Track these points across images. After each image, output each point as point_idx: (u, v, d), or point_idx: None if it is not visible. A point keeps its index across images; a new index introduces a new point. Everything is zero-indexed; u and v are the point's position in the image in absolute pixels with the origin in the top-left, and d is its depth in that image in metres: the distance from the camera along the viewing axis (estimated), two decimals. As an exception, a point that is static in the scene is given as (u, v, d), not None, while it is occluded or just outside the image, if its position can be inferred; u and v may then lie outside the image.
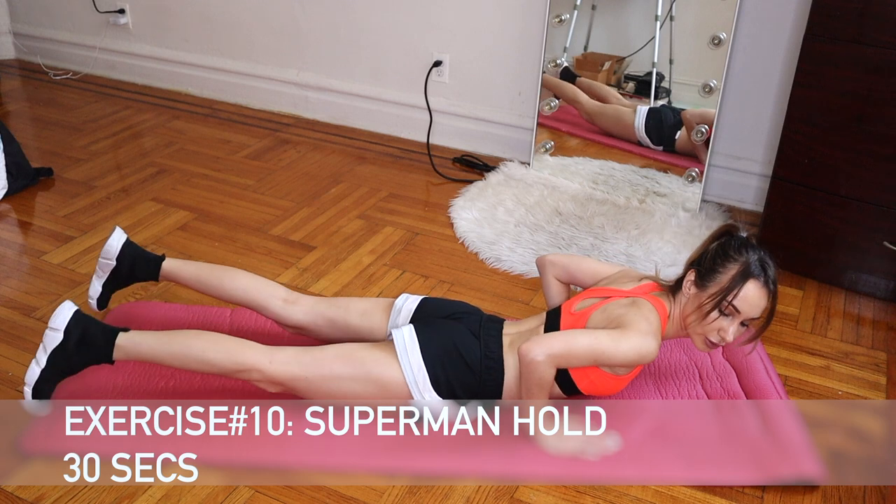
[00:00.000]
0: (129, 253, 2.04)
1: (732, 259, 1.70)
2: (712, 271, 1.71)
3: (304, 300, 1.97)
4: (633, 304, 1.75)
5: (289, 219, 2.78)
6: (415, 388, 1.74)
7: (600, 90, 2.96)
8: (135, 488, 1.66)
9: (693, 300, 1.74)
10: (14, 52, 4.30)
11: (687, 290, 1.75)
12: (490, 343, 1.79)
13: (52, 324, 1.73)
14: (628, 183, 2.94)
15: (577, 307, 1.81)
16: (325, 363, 1.74)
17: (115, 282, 2.07)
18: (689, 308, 1.75)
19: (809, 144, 2.32)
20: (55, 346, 1.72)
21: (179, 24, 3.78)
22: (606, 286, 1.87)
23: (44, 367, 1.72)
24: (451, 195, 2.94)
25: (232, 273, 2.01)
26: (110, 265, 2.04)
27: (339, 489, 1.68)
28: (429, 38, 3.24)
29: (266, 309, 1.96)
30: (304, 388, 1.74)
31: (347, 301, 1.97)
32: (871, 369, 2.10)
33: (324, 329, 1.95)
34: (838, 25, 2.18)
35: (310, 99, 3.61)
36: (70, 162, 3.16)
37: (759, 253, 1.72)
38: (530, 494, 1.68)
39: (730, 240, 1.74)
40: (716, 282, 1.70)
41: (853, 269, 2.39)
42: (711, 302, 1.70)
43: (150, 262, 2.04)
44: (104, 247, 2.04)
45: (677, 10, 2.76)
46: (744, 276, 1.69)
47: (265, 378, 1.73)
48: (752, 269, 1.69)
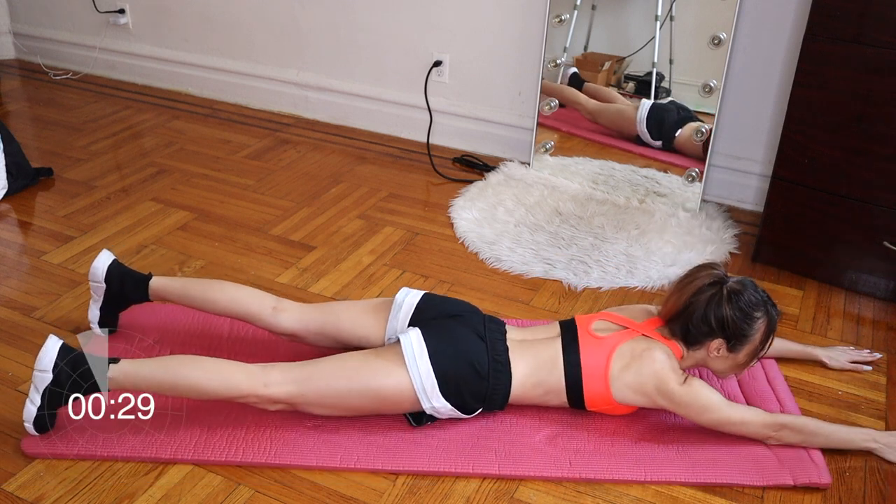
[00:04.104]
0: (117, 273, 2.01)
1: (756, 319, 1.75)
2: (743, 337, 1.75)
3: (293, 308, 1.93)
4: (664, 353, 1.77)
5: (289, 219, 2.78)
6: (423, 394, 1.72)
7: (606, 95, 2.96)
8: (135, 488, 1.66)
9: (724, 361, 1.81)
10: (14, 52, 4.31)
11: (714, 353, 1.78)
12: (497, 345, 1.78)
13: (39, 365, 1.67)
14: (628, 183, 2.94)
15: (596, 328, 1.82)
16: (322, 379, 1.72)
17: (111, 304, 2.03)
18: (721, 366, 1.82)
19: (809, 144, 2.32)
20: (46, 386, 1.68)
21: (179, 24, 3.78)
22: (620, 314, 1.87)
23: (39, 406, 1.69)
24: (451, 195, 2.94)
25: (219, 286, 1.98)
26: (101, 287, 2.01)
27: (339, 489, 1.68)
28: (429, 38, 3.24)
29: (256, 318, 1.94)
30: (304, 404, 1.74)
31: (337, 309, 1.93)
32: (871, 369, 2.10)
33: (316, 337, 1.93)
34: (838, 25, 2.18)
35: (310, 99, 3.61)
36: (70, 162, 3.16)
37: (766, 298, 1.78)
38: (530, 494, 1.68)
39: (740, 296, 1.74)
40: (748, 344, 1.77)
41: (853, 269, 2.39)
42: (750, 358, 1.80)
43: (139, 283, 2.01)
44: (90, 270, 2.01)
45: (677, 10, 2.76)
46: (771, 329, 1.78)
47: (262, 401, 1.72)
48: (773, 319, 1.77)
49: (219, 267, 2.46)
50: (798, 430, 1.74)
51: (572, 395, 1.79)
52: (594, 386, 1.76)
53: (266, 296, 1.97)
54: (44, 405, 1.69)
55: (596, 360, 1.76)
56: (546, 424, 1.83)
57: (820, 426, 1.76)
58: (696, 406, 1.73)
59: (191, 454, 1.72)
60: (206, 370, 1.71)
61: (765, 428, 1.74)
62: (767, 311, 1.75)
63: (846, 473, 1.76)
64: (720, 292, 1.74)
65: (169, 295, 2.01)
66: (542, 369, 1.78)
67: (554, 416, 1.86)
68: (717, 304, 1.74)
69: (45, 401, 1.69)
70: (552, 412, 1.86)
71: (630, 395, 1.76)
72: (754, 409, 1.77)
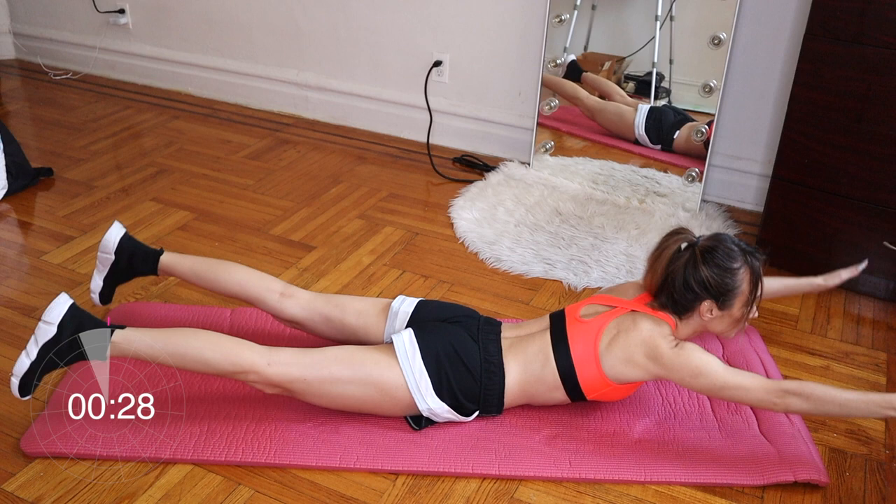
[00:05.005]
0: (128, 247, 2.03)
1: (737, 270, 1.70)
2: (729, 292, 1.70)
3: (301, 295, 1.95)
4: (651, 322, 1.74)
5: (289, 219, 2.78)
6: (417, 393, 1.73)
7: (605, 87, 2.95)
8: (135, 488, 1.66)
9: (721, 320, 1.75)
10: (14, 52, 4.31)
11: (707, 315, 1.74)
12: (489, 346, 1.78)
13: (46, 317, 1.68)
14: (628, 183, 2.94)
15: (583, 313, 1.81)
16: (325, 365, 1.71)
17: (115, 276, 2.05)
18: (719, 326, 1.77)
19: (809, 144, 2.32)
20: (47, 340, 1.67)
21: (179, 24, 3.78)
22: (608, 294, 1.87)
23: (33, 360, 1.67)
24: (451, 195, 2.94)
25: (228, 267, 1.99)
26: (109, 259, 2.02)
27: (338, 489, 1.68)
28: (429, 38, 3.24)
29: (262, 302, 1.95)
30: (303, 390, 1.72)
31: (344, 299, 1.95)
32: (871, 369, 2.10)
33: (319, 325, 1.94)
34: (838, 25, 2.18)
35: (310, 99, 3.61)
36: (70, 162, 3.16)
37: (741, 244, 1.73)
38: (530, 494, 1.68)
39: (714, 253, 1.70)
40: (737, 297, 1.72)
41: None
42: (746, 310, 1.74)
43: (149, 256, 2.02)
44: (102, 241, 2.02)
45: (677, 10, 2.76)
46: (756, 274, 1.72)
47: (262, 380, 1.70)
48: (755, 264, 1.72)
49: (219, 267, 2.46)
50: (805, 396, 1.62)
51: (568, 385, 1.77)
52: (587, 371, 1.74)
53: (275, 280, 1.97)
54: (39, 361, 1.67)
55: (584, 345, 1.75)
56: (546, 424, 1.83)
57: (829, 393, 1.63)
58: (689, 368, 1.67)
59: (191, 454, 1.72)
60: (211, 341, 1.70)
61: (767, 394, 1.64)
62: (747, 260, 1.71)
63: (846, 473, 1.76)
64: (694, 255, 1.71)
65: (177, 271, 2.02)
66: (535, 364, 1.77)
67: (554, 416, 1.86)
68: (693, 268, 1.70)
69: (41, 356, 1.67)
70: (552, 412, 1.86)
71: (622, 368, 1.73)
72: (754, 375, 1.68)
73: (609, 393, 1.78)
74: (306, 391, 1.72)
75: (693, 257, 1.71)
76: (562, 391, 1.78)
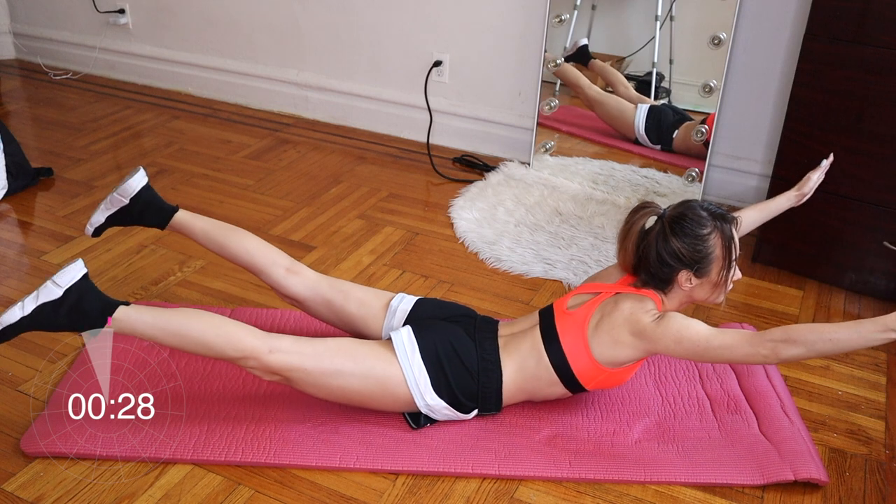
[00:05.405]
0: (145, 197, 1.98)
1: (707, 237, 1.68)
2: (704, 258, 1.69)
3: (307, 273, 1.94)
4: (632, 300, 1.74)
5: (289, 219, 2.78)
6: (415, 389, 1.73)
7: (611, 76, 2.94)
8: (135, 488, 1.66)
9: (702, 288, 1.74)
10: (14, 52, 4.31)
11: (687, 285, 1.72)
12: (486, 344, 1.78)
13: (57, 279, 1.63)
14: (628, 183, 2.94)
15: (570, 305, 1.81)
16: (327, 356, 1.70)
17: (120, 219, 2.01)
18: (703, 294, 1.75)
19: (809, 144, 2.32)
20: (48, 301, 1.63)
21: (179, 24, 3.78)
22: (593, 282, 1.87)
23: (25, 316, 1.62)
24: (451, 195, 2.94)
25: (240, 234, 1.98)
26: (122, 202, 1.97)
27: (338, 489, 1.68)
28: (429, 38, 3.24)
29: (267, 275, 1.94)
30: (302, 379, 1.70)
31: (349, 286, 1.95)
32: (871, 369, 2.10)
33: (319, 308, 1.94)
34: (838, 25, 2.18)
35: (310, 99, 3.61)
36: (70, 162, 3.16)
37: (710, 207, 1.72)
38: (530, 494, 1.68)
39: (682, 223, 1.68)
40: (713, 262, 1.70)
41: (853, 269, 2.39)
42: (725, 274, 1.71)
43: (163, 211, 1.99)
44: (122, 184, 1.96)
45: (677, 10, 2.76)
46: (729, 237, 1.70)
47: (262, 366, 1.68)
48: (725, 227, 1.70)
49: (219, 267, 2.46)
50: (793, 340, 1.57)
51: (565, 378, 1.76)
52: (580, 361, 1.74)
53: (283, 256, 1.97)
54: (30, 318, 1.62)
55: (574, 336, 1.75)
56: (546, 424, 1.83)
57: (817, 330, 1.57)
58: (672, 335, 1.66)
59: (191, 454, 1.72)
60: (213, 324, 1.68)
61: (753, 347, 1.60)
62: (717, 224, 1.69)
63: (846, 473, 1.76)
64: (663, 227, 1.70)
65: (189, 230, 1.99)
66: (530, 360, 1.77)
67: (554, 416, 1.86)
68: (664, 240, 1.69)
69: (35, 314, 1.62)
70: (552, 412, 1.86)
71: (612, 351, 1.72)
72: (738, 331, 1.64)
73: (607, 379, 1.77)
74: (305, 381, 1.71)
75: (663, 230, 1.70)
76: (560, 385, 1.78)
